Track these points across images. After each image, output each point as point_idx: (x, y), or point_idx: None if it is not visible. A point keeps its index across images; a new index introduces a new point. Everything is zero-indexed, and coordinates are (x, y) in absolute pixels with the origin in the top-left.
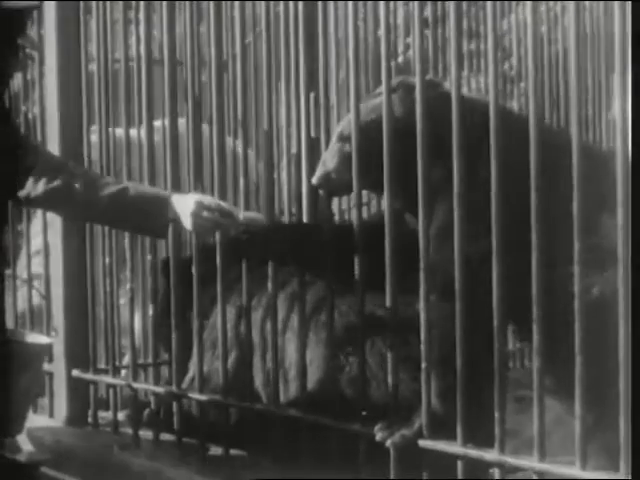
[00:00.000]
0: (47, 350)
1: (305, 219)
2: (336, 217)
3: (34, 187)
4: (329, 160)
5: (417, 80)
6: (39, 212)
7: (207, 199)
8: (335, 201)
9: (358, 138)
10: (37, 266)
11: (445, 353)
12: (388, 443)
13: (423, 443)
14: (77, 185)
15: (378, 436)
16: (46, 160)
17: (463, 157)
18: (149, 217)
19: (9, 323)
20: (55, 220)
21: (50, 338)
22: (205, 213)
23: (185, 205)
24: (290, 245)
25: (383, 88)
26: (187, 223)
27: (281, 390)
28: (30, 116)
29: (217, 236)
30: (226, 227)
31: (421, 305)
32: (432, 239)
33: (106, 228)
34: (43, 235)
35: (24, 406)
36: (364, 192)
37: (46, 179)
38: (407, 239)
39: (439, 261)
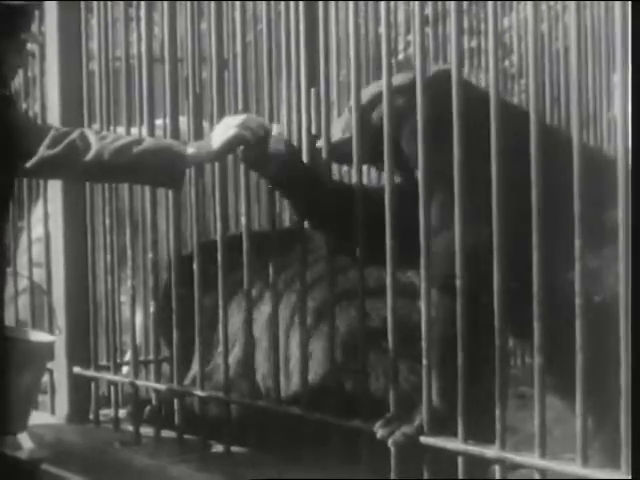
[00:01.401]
0: (50, 348)
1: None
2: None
3: (42, 149)
4: (337, 130)
5: (417, 78)
6: (39, 208)
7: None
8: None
9: (362, 121)
10: (37, 256)
11: (446, 350)
12: (389, 442)
13: (424, 440)
14: (90, 140)
15: (379, 434)
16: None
17: (463, 147)
18: (163, 165)
19: (11, 321)
20: (57, 217)
21: (53, 336)
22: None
23: (206, 139)
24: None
25: (383, 85)
26: (216, 142)
27: (283, 385)
28: (31, 113)
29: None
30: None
31: (422, 301)
32: (433, 234)
33: (107, 225)
34: (44, 231)
35: (26, 405)
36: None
37: (54, 142)
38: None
39: (439, 255)
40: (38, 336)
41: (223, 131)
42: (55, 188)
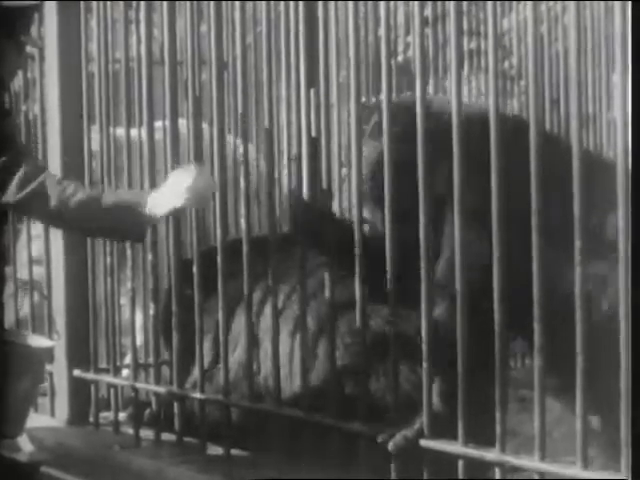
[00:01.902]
0: (49, 354)
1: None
2: (337, 215)
3: (10, 191)
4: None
5: (417, 83)
6: None
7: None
8: (336, 199)
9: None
10: (37, 253)
11: (449, 356)
12: (390, 445)
13: (424, 443)
14: (49, 192)
15: (379, 438)
16: (27, 163)
17: (464, 164)
18: (124, 220)
19: (11, 320)
20: None
21: (52, 341)
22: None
23: (159, 193)
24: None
25: (383, 86)
26: (163, 207)
27: (287, 387)
28: (30, 115)
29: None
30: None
31: (422, 306)
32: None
33: None
34: (44, 236)
35: (24, 409)
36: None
37: (21, 183)
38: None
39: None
40: (37, 341)
41: (172, 194)
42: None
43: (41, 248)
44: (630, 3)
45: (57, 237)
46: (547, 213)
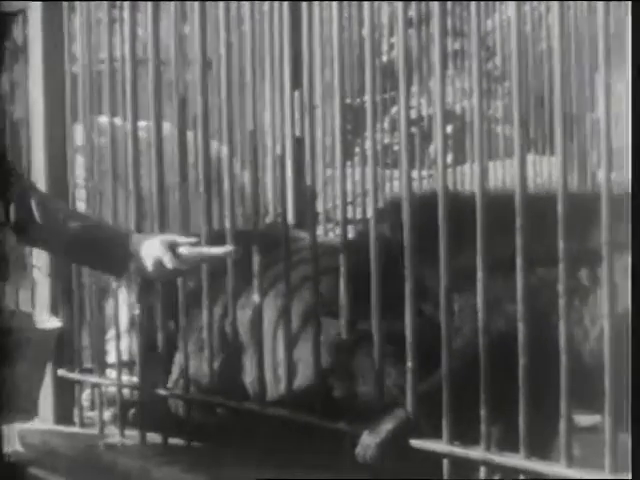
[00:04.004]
0: (57, 333)
1: (290, 219)
2: (321, 216)
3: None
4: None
5: (400, 84)
6: None
7: (169, 240)
8: (320, 200)
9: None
10: None
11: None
12: (366, 459)
13: (409, 442)
14: (39, 218)
15: (364, 441)
16: (16, 183)
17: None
18: (109, 257)
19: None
20: None
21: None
22: (167, 258)
23: (147, 247)
24: None
25: (367, 86)
26: (149, 265)
27: (271, 388)
28: (15, 117)
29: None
30: (186, 272)
31: (406, 307)
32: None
33: None
34: None
35: (37, 388)
36: (349, 190)
37: (13, 206)
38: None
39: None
40: (47, 323)
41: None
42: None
43: None
44: (630, 3)
45: None
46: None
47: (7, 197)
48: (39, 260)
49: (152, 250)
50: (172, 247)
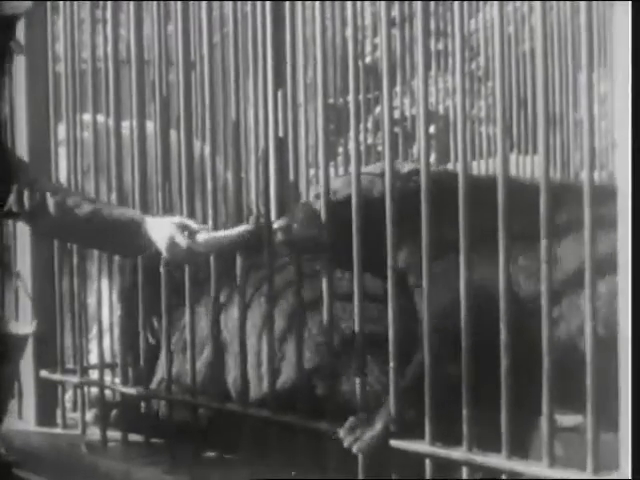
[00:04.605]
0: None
1: (273, 218)
2: None
3: (11, 201)
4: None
5: (384, 84)
6: None
7: (181, 222)
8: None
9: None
10: None
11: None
12: (354, 448)
13: (391, 443)
14: (50, 204)
15: (345, 442)
16: (23, 173)
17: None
18: (123, 240)
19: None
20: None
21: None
22: (179, 238)
23: (160, 228)
24: None
25: (351, 86)
26: (162, 246)
27: (254, 388)
28: (1, 116)
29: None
30: (199, 253)
31: (389, 304)
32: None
33: None
34: (12, 235)
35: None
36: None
37: (20, 193)
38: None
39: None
40: (19, 328)
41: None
42: None
43: None
44: (630, 3)
45: (24, 234)
46: None
47: (19, 188)
48: (23, 265)
49: (164, 230)
50: (183, 228)
